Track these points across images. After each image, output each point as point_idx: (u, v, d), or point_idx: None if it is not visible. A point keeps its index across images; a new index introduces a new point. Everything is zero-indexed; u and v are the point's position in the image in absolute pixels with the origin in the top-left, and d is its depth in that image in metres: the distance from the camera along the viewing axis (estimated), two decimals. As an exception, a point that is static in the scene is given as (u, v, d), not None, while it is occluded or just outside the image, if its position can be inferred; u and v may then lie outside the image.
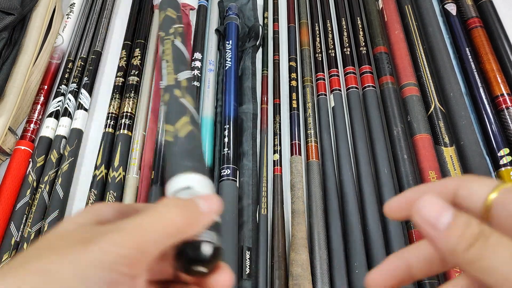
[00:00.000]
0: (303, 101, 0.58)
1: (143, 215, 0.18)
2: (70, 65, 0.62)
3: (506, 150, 0.50)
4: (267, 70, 0.61)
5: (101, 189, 0.50)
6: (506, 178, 0.49)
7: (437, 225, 0.16)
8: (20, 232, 0.48)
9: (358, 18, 0.64)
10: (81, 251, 0.16)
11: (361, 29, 0.63)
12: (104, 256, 0.16)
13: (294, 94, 0.58)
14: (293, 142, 0.53)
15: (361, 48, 0.61)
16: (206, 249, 0.19)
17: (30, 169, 0.52)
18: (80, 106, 0.58)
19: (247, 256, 0.44)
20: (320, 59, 0.62)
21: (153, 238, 0.17)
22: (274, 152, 0.53)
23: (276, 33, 0.65)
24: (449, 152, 0.50)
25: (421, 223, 0.17)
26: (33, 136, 0.56)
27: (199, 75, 0.60)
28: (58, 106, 0.58)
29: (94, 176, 0.51)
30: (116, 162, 0.52)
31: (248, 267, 0.44)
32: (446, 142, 0.51)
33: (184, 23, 0.67)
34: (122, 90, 0.59)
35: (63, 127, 0.56)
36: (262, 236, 0.46)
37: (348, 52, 0.61)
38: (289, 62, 0.62)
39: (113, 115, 0.56)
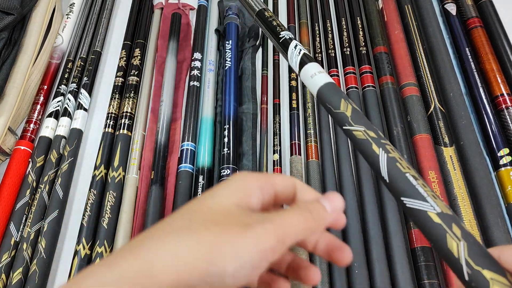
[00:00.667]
0: (303, 101, 0.58)
1: (288, 212, 0.20)
2: (70, 65, 0.62)
3: (506, 150, 0.50)
4: (267, 70, 0.61)
5: (100, 189, 0.50)
6: (506, 179, 0.49)
7: None
8: (19, 232, 0.48)
9: (358, 18, 0.64)
10: (239, 234, 0.18)
11: (361, 29, 0.63)
12: (259, 242, 0.18)
13: (294, 94, 0.58)
14: (293, 142, 0.53)
15: (361, 48, 0.61)
16: None
17: (29, 169, 0.52)
18: (79, 106, 0.58)
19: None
20: (320, 59, 0.62)
21: (293, 232, 0.19)
22: (274, 152, 0.53)
23: (276, 33, 0.65)
24: (449, 152, 0.50)
25: None
26: (32, 136, 0.56)
27: (199, 75, 0.60)
28: (58, 106, 0.58)
29: (94, 176, 0.51)
30: (116, 162, 0.52)
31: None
32: (446, 142, 0.51)
33: (184, 23, 0.67)
34: (121, 90, 0.59)
35: (62, 127, 0.56)
36: (261, 236, 0.46)
37: (348, 52, 0.61)
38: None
39: (113, 115, 0.56)
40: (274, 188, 0.22)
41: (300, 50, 0.33)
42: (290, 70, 0.61)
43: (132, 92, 0.58)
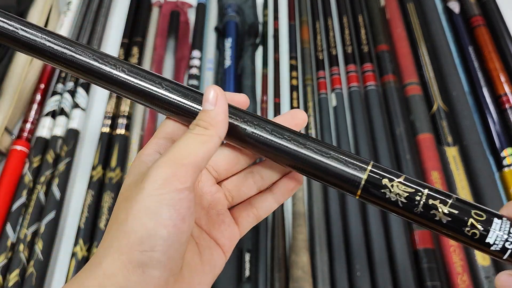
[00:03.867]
0: (304, 101, 0.57)
1: (180, 138, 0.21)
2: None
3: (510, 150, 0.49)
4: (267, 69, 0.60)
5: (98, 189, 0.49)
6: (509, 179, 0.48)
7: None
8: (16, 233, 0.47)
9: (360, 15, 0.63)
10: (139, 189, 0.20)
11: (363, 27, 0.62)
12: (157, 177, 0.19)
13: (294, 93, 0.57)
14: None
15: (363, 46, 0.60)
16: None
17: (26, 170, 0.51)
18: (77, 106, 0.57)
19: (247, 259, 0.43)
20: (321, 58, 0.61)
21: (189, 151, 0.20)
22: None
23: (276, 31, 0.64)
24: (452, 152, 0.49)
25: None
26: (29, 136, 0.55)
27: (198, 73, 0.59)
28: (55, 105, 0.57)
29: (91, 177, 0.50)
30: (114, 163, 0.51)
31: (248, 269, 0.43)
32: (449, 142, 0.50)
33: (182, 21, 0.66)
34: (120, 89, 0.58)
35: (59, 126, 0.55)
36: (262, 238, 0.45)
37: (350, 51, 0.60)
38: (289, 60, 0.61)
39: (111, 114, 0.56)
40: (165, 140, 0.23)
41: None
42: (291, 68, 0.60)
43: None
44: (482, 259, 0.42)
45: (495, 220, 0.20)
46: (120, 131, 0.54)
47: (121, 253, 0.19)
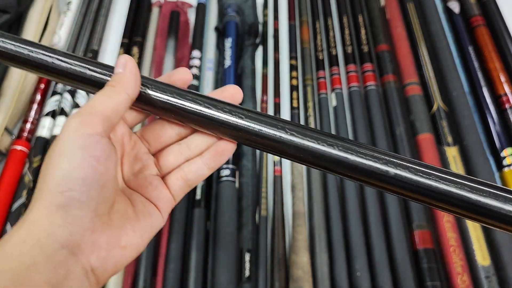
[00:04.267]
0: (304, 100, 0.57)
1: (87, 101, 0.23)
2: (67, 63, 0.61)
3: (510, 150, 0.49)
4: (267, 69, 0.60)
5: (98, 190, 0.49)
6: (509, 179, 0.48)
7: None
8: (16, 234, 0.47)
9: (360, 15, 0.63)
10: (55, 140, 0.21)
11: (363, 27, 0.62)
12: (69, 125, 0.21)
13: (294, 93, 0.57)
14: (294, 142, 0.53)
15: (363, 46, 0.60)
16: None
17: (26, 170, 0.51)
18: (77, 105, 0.57)
19: (247, 258, 0.43)
20: (321, 58, 0.61)
21: (97, 105, 0.22)
22: (274, 152, 0.52)
23: (276, 31, 0.64)
24: (452, 152, 0.49)
25: None
26: (29, 136, 0.55)
27: (198, 73, 0.59)
28: (55, 105, 0.57)
29: (92, 177, 0.50)
30: (114, 163, 0.51)
31: (248, 269, 0.43)
32: (449, 142, 0.50)
33: (182, 21, 0.66)
34: (120, 89, 0.58)
35: (60, 127, 0.55)
36: (262, 238, 0.45)
37: (350, 50, 0.60)
38: (289, 60, 0.61)
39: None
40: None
41: None
42: (291, 68, 0.60)
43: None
44: (482, 259, 0.42)
45: None
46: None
47: (43, 198, 0.20)
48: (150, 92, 0.25)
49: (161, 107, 0.25)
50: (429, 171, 0.22)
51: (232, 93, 0.27)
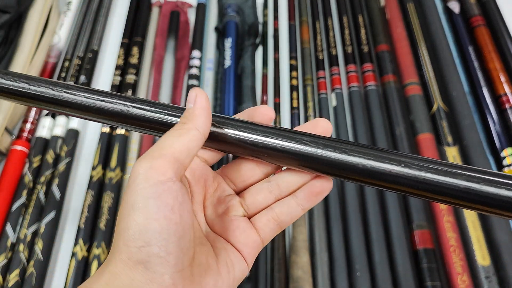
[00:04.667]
0: (304, 101, 0.57)
1: (155, 143, 0.21)
2: (67, 64, 0.62)
3: (510, 150, 0.49)
4: (267, 69, 0.60)
5: (98, 190, 0.49)
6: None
7: None
8: (16, 233, 0.47)
9: (360, 15, 0.63)
10: (126, 189, 0.20)
11: (362, 27, 0.62)
12: (137, 172, 0.20)
13: (294, 93, 0.57)
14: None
15: (363, 46, 0.60)
16: None
17: (26, 170, 0.51)
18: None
19: (247, 259, 0.43)
20: (321, 58, 0.61)
21: (169, 145, 0.21)
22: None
23: (276, 31, 0.64)
24: (452, 152, 0.49)
25: None
26: (29, 136, 0.55)
27: (198, 74, 0.59)
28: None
29: (91, 177, 0.50)
30: (113, 163, 0.51)
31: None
32: (449, 142, 0.50)
33: (182, 21, 0.66)
34: (119, 89, 0.58)
35: (59, 126, 0.55)
36: (262, 238, 0.45)
37: (350, 51, 0.60)
38: (289, 60, 0.61)
39: (111, 114, 0.56)
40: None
41: None
42: (291, 68, 0.60)
43: (130, 91, 0.58)
44: (482, 259, 0.42)
45: None
46: (120, 131, 0.54)
47: (121, 252, 0.19)
48: (222, 129, 0.23)
49: (236, 144, 0.23)
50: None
51: (325, 129, 0.24)
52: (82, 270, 0.45)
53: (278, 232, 0.25)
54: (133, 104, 0.24)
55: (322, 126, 0.24)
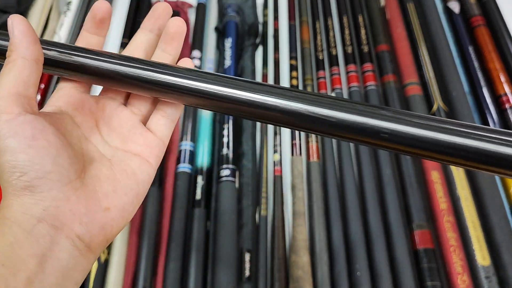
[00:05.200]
0: (304, 100, 0.57)
1: None
2: (67, 63, 0.62)
3: (510, 150, 0.49)
4: (267, 69, 0.60)
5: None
6: (509, 180, 0.48)
7: None
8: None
9: (360, 15, 0.63)
10: None
11: (363, 27, 0.62)
12: None
13: (294, 93, 0.57)
14: (294, 142, 0.53)
15: (363, 46, 0.60)
16: None
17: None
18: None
19: (247, 258, 0.43)
20: (321, 58, 0.61)
21: (5, 89, 0.21)
22: (274, 152, 0.52)
23: (276, 31, 0.64)
24: (452, 152, 0.49)
25: None
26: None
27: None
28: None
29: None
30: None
31: (248, 269, 0.43)
32: (449, 142, 0.50)
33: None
34: (120, 89, 0.58)
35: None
36: (262, 238, 0.45)
37: (350, 51, 0.60)
38: (289, 60, 0.61)
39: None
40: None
41: None
42: (291, 68, 0.60)
43: (130, 91, 0.58)
44: (482, 259, 0.42)
45: None
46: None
47: (5, 188, 0.21)
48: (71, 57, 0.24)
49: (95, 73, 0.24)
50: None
51: (177, 26, 0.27)
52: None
53: (172, 127, 0.27)
54: None
55: (174, 25, 0.27)
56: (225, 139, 0.51)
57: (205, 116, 0.55)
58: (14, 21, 0.22)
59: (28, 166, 0.20)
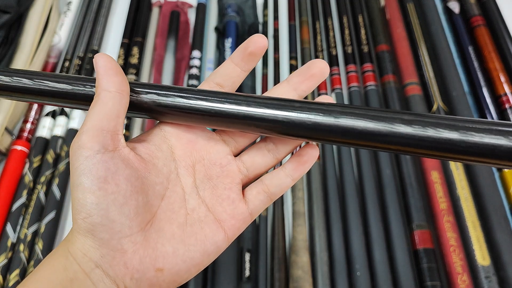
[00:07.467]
0: (304, 100, 0.57)
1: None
2: (67, 64, 0.62)
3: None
4: (267, 69, 0.60)
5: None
6: (509, 179, 0.48)
7: None
8: (16, 233, 0.47)
9: (360, 15, 0.63)
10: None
11: (362, 27, 0.62)
12: (72, 148, 0.20)
13: (294, 93, 0.57)
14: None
15: (363, 47, 0.60)
16: None
17: (26, 170, 0.51)
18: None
19: (247, 258, 0.43)
20: (321, 58, 0.61)
21: (90, 123, 0.21)
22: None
23: (276, 31, 0.64)
24: (452, 152, 0.49)
25: None
26: (29, 136, 0.55)
27: (198, 74, 0.59)
28: (55, 105, 0.57)
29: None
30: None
31: (248, 269, 0.43)
32: (449, 142, 0.50)
33: (182, 21, 0.66)
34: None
35: (60, 126, 0.55)
36: (262, 238, 0.45)
37: (350, 51, 0.60)
38: (289, 60, 0.61)
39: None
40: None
41: None
42: (291, 68, 0.60)
43: (131, 91, 0.58)
44: (482, 259, 0.42)
45: None
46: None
47: (73, 226, 0.21)
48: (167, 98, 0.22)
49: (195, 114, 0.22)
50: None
51: (321, 68, 0.23)
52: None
53: (267, 205, 0.24)
54: (50, 79, 0.24)
55: (318, 66, 0.24)
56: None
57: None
58: (97, 58, 0.22)
59: (95, 209, 0.20)
